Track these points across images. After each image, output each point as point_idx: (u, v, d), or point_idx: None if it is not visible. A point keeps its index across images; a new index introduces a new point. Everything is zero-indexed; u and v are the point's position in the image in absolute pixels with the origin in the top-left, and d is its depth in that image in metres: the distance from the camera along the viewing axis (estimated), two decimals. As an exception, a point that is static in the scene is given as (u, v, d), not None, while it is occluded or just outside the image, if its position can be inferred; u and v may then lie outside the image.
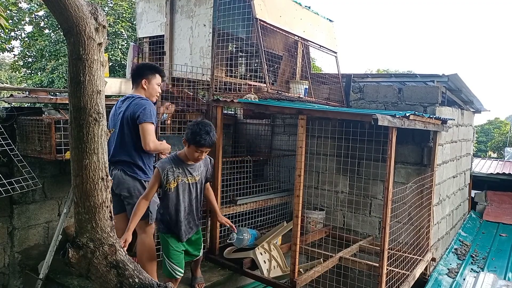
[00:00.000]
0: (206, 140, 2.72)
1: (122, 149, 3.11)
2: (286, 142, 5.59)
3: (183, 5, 4.50)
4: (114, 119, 3.22)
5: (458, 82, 4.84)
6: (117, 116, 3.19)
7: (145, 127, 3.02)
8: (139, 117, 3.01)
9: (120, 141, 3.12)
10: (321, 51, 5.09)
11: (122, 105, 3.17)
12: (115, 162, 3.10)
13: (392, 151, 3.14)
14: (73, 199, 2.20)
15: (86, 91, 2.00)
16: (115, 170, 3.10)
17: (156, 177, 2.83)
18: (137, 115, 3.02)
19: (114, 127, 3.17)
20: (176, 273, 2.96)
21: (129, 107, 3.10)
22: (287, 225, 3.96)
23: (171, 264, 2.94)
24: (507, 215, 6.84)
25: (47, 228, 4.35)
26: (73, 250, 2.17)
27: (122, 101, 3.23)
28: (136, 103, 3.09)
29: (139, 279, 2.18)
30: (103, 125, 2.10)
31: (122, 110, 3.14)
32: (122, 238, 2.61)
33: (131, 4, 13.17)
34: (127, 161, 3.10)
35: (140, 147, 3.08)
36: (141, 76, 3.22)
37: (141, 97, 3.17)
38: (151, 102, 3.18)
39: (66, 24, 1.92)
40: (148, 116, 3.02)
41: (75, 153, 2.10)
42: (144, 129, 3.02)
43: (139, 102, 3.09)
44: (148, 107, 3.07)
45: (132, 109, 3.07)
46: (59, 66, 12.39)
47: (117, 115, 3.20)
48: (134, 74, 3.28)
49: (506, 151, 16.61)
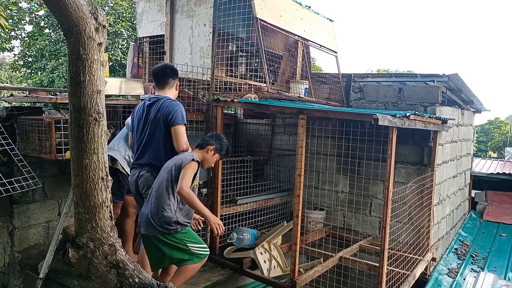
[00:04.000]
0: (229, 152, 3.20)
1: (151, 152, 3.08)
2: (286, 142, 5.59)
3: (183, 4, 4.50)
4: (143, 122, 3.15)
5: (459, 82, 4.84)
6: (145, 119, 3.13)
7: (179, 129, 3.01)
8: (172, 120, 3.00)
9: (149, 144, 3.09)
10: (321, 50, 5.09)
11: (152, 108, 3.11)
12: (142, 164, 3.09)
13: (392, 151, 3.14)
14: (73, 198, 2.20)
15: (86, 91, 2.00)
16: (143, 171, 3.08)
17: (194, 170, 2.83)
18: (170, 117, 3.00)
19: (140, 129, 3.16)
20: (206, 250, 2.92)
21: (160, 109, 3.05)
22: (287, 225, 3.96)
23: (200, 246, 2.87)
24: (507, 215, 6.84)
25: (47, 227, 4.35)
26: (73, 250, 2.17)
27: (149, 104, 3.15)
28: (167, 105, 3.05)
29: (139, 279, 2.18)
30: (103, 125, 2.10)
31: (152, 113, 3.09)
32: (215, 221, 2.84)
33: (131, 4, 13.16)
34: (155, 165, 3.06)
35: (169, 150, 3.06)
36: (171, 77, 3.21)
37: (170, 99, 3.14)
38: (180, 104, 3.15)
39: (66, 24, 1.92)
40: (181, 118, 3.02)
41: (75, 153, 2.10)
42: (178, 131, 3.01)
43: (170, 104, 3.06)
44: (179, 109, 3.05)
45: (164, 111, 3.03)
46: (59, 65, 12.38)
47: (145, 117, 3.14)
48: (166, 74, 3.21)
49: (506, 151, 16.59)
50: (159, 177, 2.88)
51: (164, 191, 2.79)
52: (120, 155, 3.74)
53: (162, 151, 3.05)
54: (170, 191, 2.79)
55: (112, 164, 3.72)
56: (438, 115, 4.24)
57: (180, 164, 2.81)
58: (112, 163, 3.71)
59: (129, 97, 4.71)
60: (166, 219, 2.75)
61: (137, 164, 3.12)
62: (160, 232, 2.75)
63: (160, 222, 2.74)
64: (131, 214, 3.93)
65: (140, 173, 3.06)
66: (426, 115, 3.78)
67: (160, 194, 2.79)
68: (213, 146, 3.04)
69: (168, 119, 3.00)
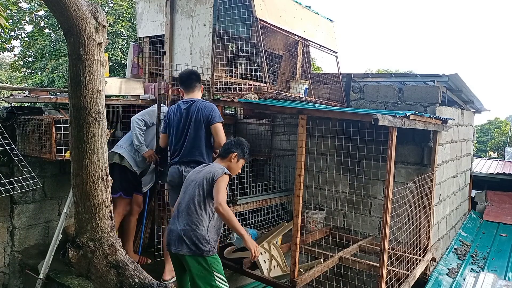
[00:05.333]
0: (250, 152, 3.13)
1: (196, 150, 3.41)
2: (286, 142, 5.59)
3: (183, 4, 4.50)
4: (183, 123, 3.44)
5: (458, 82, 4.84)
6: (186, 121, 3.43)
7: (219, 127, 3.41)
8: (212, 118, 3.39)
9: (193, 143, 3.41)
10: (321, 51, 5.09)
11: (191, 110, 3.42)
12: (188, 162, 3.40)
13: (392, 151, 3.14)
14: (73, 198, 2.20)
15: (86, 91, 2.00)
16: (187, 167, 3.36)
17: (227, 184, 2.75)
18: (211, 116, 3.39)
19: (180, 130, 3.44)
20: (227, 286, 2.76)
21: (199, 110, 3.41)
22: (287, 225, 3.96)
23: (224, 279, 2.72)
24: (507, 215, 6.84)
25: (47, 227, 4.35)
26: (73, 250, 2.17)
27: (187, 107, 3.45)
28: (205, 106, 3.43)
29: (139, 279, 2.18)
30: (103, 125, 2.10)
31: (193, 115, 3.41)
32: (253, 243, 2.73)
33: (131, 4, 13.16)
34: (200, 161, 3.37)
35: (208, 147, 3.45)
36: (197, 82, 3.57)
37: (204, 101, 3.52)
38: (214, 104, 3.55)
39: (66, 24, 1.92)
40: (219, 116, 3.44)
41: (75, 153, 2.10)
42: (218, 128, 3.40)
43: (208, 106, 3.45)
44: (215, 108, 3.46)
45: (203, 112, 3.40)
46: (59, 65, 12.38)
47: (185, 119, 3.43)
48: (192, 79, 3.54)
49: (506, 151, 16.59)
50: (187, 191, 2.76)
51: (196, 206, 2.66)
52: (128, 153, 3.85)
53: (204, 148, 3.42)
54: (203, 206, 2.67)
55: (121, 162, 3.79)
56: (438, 115, 4.24)
57: (212, 178, 2.69)
58: (120, 161, 3.78)
59: (129, 97, 4.71)
60: (199, 236, 2.61)
61: (180, 161, 3.41)
62: (192, 252, 2.60)
63: (192, 240, 2.60)
64: (135, 212, 4.02)
65: (185, 169, 3.35)
66: (426, 115, 3.78)
67: (192, 210, 2.66)
68: (235, 154, 2.95)
69: (208, 118, 3.39)
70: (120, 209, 3.82)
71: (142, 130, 3.83)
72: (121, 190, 3.81)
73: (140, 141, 3.78)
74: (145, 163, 3.92)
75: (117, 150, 3.84)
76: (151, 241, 4.35)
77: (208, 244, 2.64)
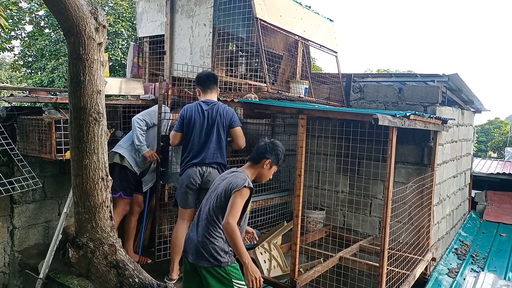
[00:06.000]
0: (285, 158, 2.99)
1: (219, 152, 3.46)
2: (286, 142, 5.58)
3: (183, 4, 4.50)
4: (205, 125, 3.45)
5: (459, 81, 4.84)
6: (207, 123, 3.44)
7: (240, 130, 3.52)
8: (233, 122, 3.47)
9: (217, 145, 3.45)
10: (321, 50, 5.09)
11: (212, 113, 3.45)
12: (209, 163, 3.43)
13: (392, 151, 3.14)
14: (73, 198, 2.20)
15: (86, 91, 2.00)
16: (210, 168, 3.42)
17: (245, 199, 2.55)
18: (232, 120, 3.47)
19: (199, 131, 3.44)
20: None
21: (221, 114, 3.46)
22: (287, 224, 3.96)
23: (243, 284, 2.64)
24: (507, 215, 6.84)
25: (47, 227, 4.35)
26: (73, 250, 2.17)
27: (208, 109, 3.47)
28: (227, 110, 3.49)
29: (139, 279, 2.18)
30: (103, 125, 2.10)
31: (215, 118, 3.44)
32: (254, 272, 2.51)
33: (131, 4, 13.16)
34: (222, 163, 3.47)
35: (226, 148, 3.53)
36: (215, 84, 3.60)
37: (224, 104, 3.57)
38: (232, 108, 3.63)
39: (66, 24, 1.92)
40: (238, 121, 3.53)
41: (75, 153, 2.10)
42: (239, 132, 3.51)
43: (229, 109, 3.52)
44: (235, 112, 3.55)
45: (225, 116, 3.46)
46: (59, 65, 12.39)
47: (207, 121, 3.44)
48: (210, 80, 3.58)
49: (506, 151, 16.58)
50: (209, 199, 2.68)
51: (214, 218, 2.58)
52: (128, 153, 3.86)
53: (224, 150, 3.50)
54: (221, 218, 2.57)
55: (121, 161, 3.80)
56: (438, 115, 4.23)
57: (230, 190, 2.55)
58: (120, 160, 3.80)
59: (129, 97, 4.71)
60: (218, 249, 2.54)
61: (201, 163, 3.41)
62: (210, 264, 2.53)
63: (211, 253, 2.53)
64: (135, 212, 4.04)
65: (206, 170, 3.40)
66: (426, 115, 3.78)
67: (210, 221, 2.59)
68: (269, 160, 2.77)
69: (229, 122, 3.46)
70: (120, 209, 3.83)
71: (143, 130, 3.84)
72: (121, 190, 3.81)
73: (141, 141, 3.79)
74: (146, 163, 3.92)
75: (118, 150, 3.85)
76: (151, 241, 4.35)
77: (226, 255, 2.58)
